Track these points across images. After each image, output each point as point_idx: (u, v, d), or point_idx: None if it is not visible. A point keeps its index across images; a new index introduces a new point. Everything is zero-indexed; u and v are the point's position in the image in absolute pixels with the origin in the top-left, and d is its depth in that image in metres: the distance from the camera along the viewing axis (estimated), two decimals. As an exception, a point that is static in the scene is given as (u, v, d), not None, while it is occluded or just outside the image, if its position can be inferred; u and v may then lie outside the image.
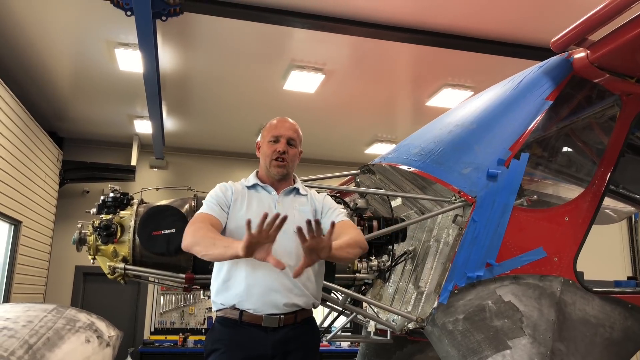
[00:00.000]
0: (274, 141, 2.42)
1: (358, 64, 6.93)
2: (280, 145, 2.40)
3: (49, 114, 8.52)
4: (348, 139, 9.74)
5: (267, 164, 2.43)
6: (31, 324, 3.26)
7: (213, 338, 2.30)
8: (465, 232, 2.67)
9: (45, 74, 7.18)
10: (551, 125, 3.19)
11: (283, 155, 2.40)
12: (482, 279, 2.64)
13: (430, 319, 2.63)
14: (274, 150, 2.40)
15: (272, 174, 2.42)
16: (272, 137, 2.43)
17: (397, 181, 3.20)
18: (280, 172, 2.41)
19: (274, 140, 2.42)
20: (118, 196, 2.93)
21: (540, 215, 2.87)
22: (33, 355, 3.00)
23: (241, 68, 6.98)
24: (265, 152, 2.44)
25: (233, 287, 2.26)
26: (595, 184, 2.90)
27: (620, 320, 2.75)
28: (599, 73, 2.84)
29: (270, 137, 2.43)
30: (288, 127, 2.46)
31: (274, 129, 2.46)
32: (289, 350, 2.24)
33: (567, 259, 2.75)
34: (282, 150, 2.39)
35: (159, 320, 9.79)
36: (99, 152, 9.73)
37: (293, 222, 2.26)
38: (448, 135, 2.95)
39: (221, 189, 2.41)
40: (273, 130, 2.45)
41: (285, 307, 2.24)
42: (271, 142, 2.42)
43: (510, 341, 2.45)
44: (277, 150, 2.39)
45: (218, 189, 2.42)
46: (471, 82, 7.27)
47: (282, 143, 2.41)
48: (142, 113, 8.34)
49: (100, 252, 2.88)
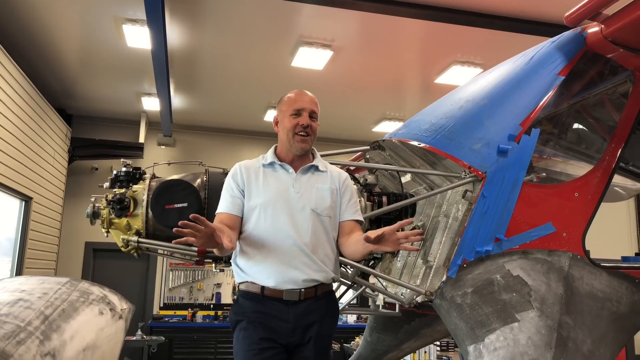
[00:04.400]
0: (296, 114, 2.38)
1: (366, 40, 6.88)
2: (304, 119, 2.37)
3: (57, 91, 8.54)
4: (356, 117, 9.71)
5: (289, 138, 2.39)
6: (46, 296, 3.32)
7: (237, 310, 2.36)
8: (474, 207, 2.68)
9: (53, 51, 7.18)
10: (563, 101, 3.17)
11: (307, 129, 2.38)
12: (491, 253, 2.66)
13: (439, 293, 2.66)
14: (296, 123, 2.37)
15: (294, 148, 2.40)
16: (294, 110, 2.39)
17: (407, 157, 3.20)
18: (303, 148, 2.40)
19: (295, 114, 2.38)
20: (131, 170, 2.97)
21: (549, 191, 2.88)
22: (49, 325, 3.07)
23: (249, 44, 6.95)
24: (286, 126, 2.40)
25: (255, 265, 2.31)
26: (605, 160, 2.89)
27: (628, 295, 2.77)
28: (612, 48, 2.80)
29: (291, 110, 2.39)
30: (309, 100, 2.43)
31: (294, 102, 2.41)
32: (310, 322, 2.31)
33: (576, 235, 2.76)
34: (306, 123, 2.37)
35: (168, 296, 9.94)
36: (108, 130, 9.77)
37: (310, 201, 2.31)
38: (459, 111, 2.95)
39: (232, 176, 2.43)
40: (294, 103, 2.41)
41: (305, 282, 2.29)
42: (293, 116, 2.38)
43: (518, 314, 2.48)
44: (301, 124, 2.36)
45: (230, 177, 2.44)
46: (480, 59, 7.21)
47: (304, 116, 2.38)
48: (150, 90, 8.35)
49: (114, 226, 2.92)
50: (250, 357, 2.21)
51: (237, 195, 2.37)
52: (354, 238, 2.34)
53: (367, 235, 2.08)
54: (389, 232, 2.06)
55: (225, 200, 2.38)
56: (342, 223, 2.44)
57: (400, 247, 2.10)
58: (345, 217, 2.44)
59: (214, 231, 2.02)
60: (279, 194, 2.34)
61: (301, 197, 2.35)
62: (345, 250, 2.40)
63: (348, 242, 2.37)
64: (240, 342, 2.26)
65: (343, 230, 2.43)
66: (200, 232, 1.96)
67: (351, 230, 2.40)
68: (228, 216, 2.31)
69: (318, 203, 2.35)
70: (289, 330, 2.27)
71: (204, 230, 1.97)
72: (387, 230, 2.07)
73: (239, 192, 2.37)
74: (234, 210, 2.34)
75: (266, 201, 2.32)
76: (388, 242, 2.08)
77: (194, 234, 1.95)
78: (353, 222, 2.44)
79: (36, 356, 2.83)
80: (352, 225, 2.42)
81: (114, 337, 3.73)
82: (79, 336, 3.26)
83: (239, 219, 2.35)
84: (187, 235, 1.94)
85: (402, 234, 2.08)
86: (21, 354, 2.72)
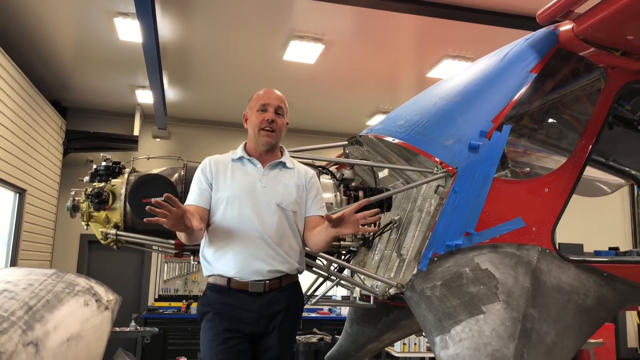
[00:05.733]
0: (262, 110, 2.46)
1: (358, 35, 6.91)
2: (269, 114, 2.44)
3: (51, 84, 8.58)
4: (349, 111, 9.74)
5: (255, 133, 2.47)
6: (31, 287, 3.39)
7: (204, 302, 2.43)
8: (445, 202, 2.74)
9: (47, 43, 7.22)
10: (536, 98, 3.22)
11: (272, 124, 2.44)
12: (461, 247, 2.72)
13: (410, 285, 2.72)
14: (262, 119, 2.44)
15: (260, 144, 2.47)
16: (260, 105, 2.46)
17: (384, 152, 3.26)
18: (268, 142, 2.46)
19: (262, 110, 2.46)
20: (110, 165, 3.02)
21: (520, 186, 2.94)
22: (32, 316, 3.13)
23: (241, 38, 6.98)
24: (253, 121, 2.48)
25: (221, 257, 2.38)
26: (576, 155, 2.94)
27: (595, 288, 2.83)
28: (584, 46, 2.85)
29: (258, 106, 2.47)
30: (275, 97, 2.50)
31: (261, 98, 2.49)
32: (274, 313, 2.37)
33: (546, 229, 2.82)
34: (271, 119, 2.44)
35: (163, 288, 10.02)
36: (102, 122, 9.81)
37: (276, 196, 2.38)
38: (433, 107, 3.00)
39: (202, 169, 2.51)
40: (260, 99, 2.49)
41: (269, 273, 2.36)
42: (259, 112, 2.46)
43: (485, 306, 2.54)
44: (266, 119, 2.43)
45: (199, 170, 2.52)
46: (472, 53, 7.24)
47: (270, 112, 2.45)
48: (144, 83, 8.38)
49: (93, 219, 2.99)
50: (215, 347, 2.28)
51: (205, 188, 2.43)
52: (317, 229, 2.41)
53: (328, 215, 2.15)
54: (348, 213, 2.14)
55: (193, 193, 2.44)
56: (307, 218, 2.51)
57: (359, 229, 2.16)
58: (311, 213, 2.52)
59: (184, 213, 2.09)
60: (245, 187, 2.40)
61: (267, 191, 2.42)
62: (309, 241, 2.47)
63: (312, 234, 2.44)
64: (206, 332, 2.34)
65: (308, 225, 2.50)
66: (172, 212, 2.03)
67: (316, 225, 2.46)
68: (196, 208, 2.37)
69: (284, 198, 2.42)
70: (253, 320, 2.34)
71: (175, 211, 2.05)
72: (346, 211, 2.14)
73: (207, 185, 2.43)
74: (202, 203, 2.40)
75: (233, 194, 2.39)
76: (348, 223, 2.14)
77: (165, 214, 2.01)
78: (318, 217, 2.50)
79: (18, 345, 2.90)
80: (318, 220, 2.49)
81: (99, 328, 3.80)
82: (63, 326, 3.33)
83: (207, 212, 2.41)
84: (159, 215, 2.00)
85: (360, 215, 2.14)
86: (3, 343, 2.79)
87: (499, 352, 2.41)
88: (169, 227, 2.11)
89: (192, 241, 2.33)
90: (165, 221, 2.04)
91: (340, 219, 2.13)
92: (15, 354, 2.86)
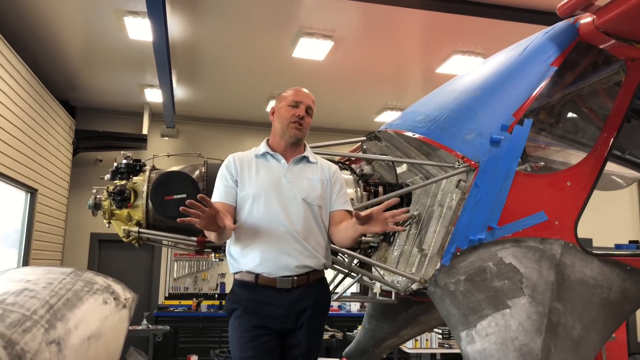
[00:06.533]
0: (294, 106, 2.50)
1: (367, 31, 6.89)
2: (300, 110, 2.49)
3: (60, 84, 8.60)
4: (358, 107, 9.73)
5: (284, 126, 2.50)
6: (51, 286, 3.40)
7: (232, 299, 2.44)
8: (467, 197, 2.73)
9: (56, 43, 7.23)
10: (556, 91, 3.20)
11: (301, 120, 2.48)
12: (484, 241, 2.71)
13: (433, 280, 2.72)
14: (293, 114, 2.48)
15: (288, 135, 2.50)
16: (293, 101, 2.51)
17: (403, 148, 3.25)
18: (296, 135, 2.49)
19: (294, 105, 2.50)
20: (131, 162, 3.03)
21: (542, 180, 2.92)
22: (54, 314, 3.15)
23: (250, 35, 6.97)
24: (283, 115, 2.51)
25: (249, 253, 2.38)
26: (597, 149, 2.93)
27: (618, 282, 2.81)
28: (604, 38, 2.83)
29: (291, 101, 2.51)
30: (307, 96, 2.56)
31: (294, 95, 2.54)
32: (302, 309, 2.38)
33: (568, 223, 2.80)
34: (302, 115, 2.49)
35: (173, 286, 10.05)
36: (111, 121, 9.84)
37: (301, 190, 2.39)
38: (452, 102, 2.99)
39: (226, 166, 2.52)
40: (293, 96, 2.53)
41: (298, 269, 2.36)
42: (291, 107, 2.50)
43: (510, 301, 2.54)
44: (297, 115, 2.48)
45: (224, 167, 2.52)
46: (482, 48, 7.21)
47: (302, 109, 2.50)
48: (153, 82, 8.40)
49: (115, 217, 2.99)
50: (244, 344, 2.28)
51: (230, 185, 2.44)
52: (344, 225, 2.42)
53: (357, 213, 2.17)
54: (376, 212, 2.15)
55: (219, 190, 2.45)
56: (333, 213, 2.52)
57: (388, 228, 2.17)
58: (336, 207, 2.53)
59: (217, 213, 2.10)
60: (271, 183, 2.41)
61: (292, 186, 2.43)
62: (336, 237, 2.47)
63: (338, 230, 2.45)
64: (235, 329, 2.34)
65: (334, 220, 2.50)
66: (205, 212, 2.04)
67: (341, 220, 2.48)
68: (222, 205, 2.37)
69: (309, 193, 2.43)
70: (282, 316, 2.34)
71: (208, 212, 2.06)
72: (374, 210, 2.16)
73: (232, 182, 2.44)
74: (228, 200, 2.41)
75: (258, 190, 2.39)
76: (376, 221, 2.16)
77: (199, 214, 2.03)
78: (343, 211, 2.52)
79: (42, 344, 2.91)
80: (343, 214, 2.50)
81: (117, 326, 3.81)
82: (84, 325, 3.34)
83: (233, 208, 2.42)
84: (192, 215, 2.00)
85: (389, 213, 2.16)
86: (27, 342, 2.80)
87: (527, 346, 2.41)
88: (202, 227, 2.11)
89: (222, 239, 2.34)
90: (198, 221, 2.05)
91: (368, 216, 2.14)
92: (39, 353, 2.88)
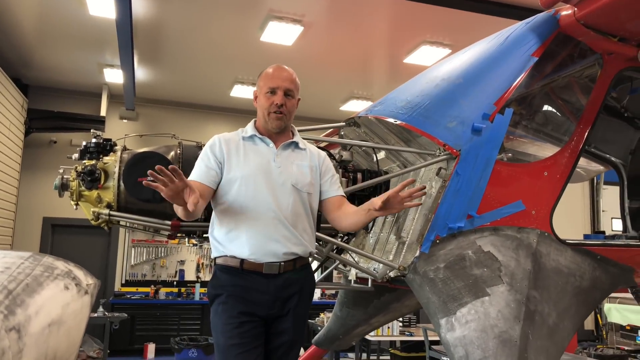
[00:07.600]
0: (271, 92, 2.37)
1: (337, 17, 6.82)
2: (278, 98, 2.36)
3: (13, 60, 8.15)
4: (324, 95, 9.65)
5: (264, 116, 2.39)
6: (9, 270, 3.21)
7: (215, 284, 2.34)
8: (448, 185, 2.73)
9: (9, 17, 6.82)
10: (535, 82, 3.24)
11: (281, 108, 2.37)
12: (463, 229, 2.72)
13: (412, 268, 2.71)
14: (271, 102, 2.36)
15: (270, 127, 2.40)
16: (269, 88, 2.37)
17: (382, 134, 3.22)
18: (278, 125, 2.40)
19: (270, 92, 2.37)
20: (101, 142, 2.87)
21: (520, 169, 2.96)
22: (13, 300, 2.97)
23: (217, 17, 6.78)
24: (262, 104, 2.40)
25: (236, 238, 2.29)
26: (573, 141, 2.98)
27: (590, 271, 2.89)
28: (584, 31, 2.88)
29: (266, 88, 2.38)
30: (285, 77, 2.41)
31: (270, 79, 2.40)
32: (289, 295, 2.32)
33: (544, 212, 2.85)
34: (280, 102, 2.36)
35: (130, 273, 9.78)
36: (67, 101, 9.41)
37: (291, 176, 2.32)
38: (435, 89, 2.97)
39: (211, 146, 2.40)
40: (269, 81, 2.39)
41: (285, 255, 2.30)
42: (268, 94, 2.37)
43: (489, 288, 2.56)
44: (275, 104, 2.36)
45: (207, 147, 2.41)
46: (450, 40, 7.27)
47: (279, 95, 2.36)
48: (113, 61, 8.07)
49: (84, 198, 2.84)
50: (230, 331, 2.21)
51: (212, 167, 2.33)
52: (350, 209, 2.40)
53: (373, 202, 2.17)
54: (392, 195, 2.15)
55: (199, 169, 2.34)
56: (330, 199, 2.48)
57: (405, 206, 2.20)
58: (332, 194, 2.49)
59: (185, 188, 2.00)
60: (260, 167, 2.33)
61: (282, 172, 2.35)
62: (343, 222, 2.43)
63: (344, 215, 2.41)
64: (219, 315, 2.26)
65: (333, 206, 2.46)
66: (173, 183, 1.94)
67: (340, 204, 2.45)
68: (199, 185, 2.25)
69: (299, 179, 2.36)
70: (268, 302, 2.28)
71: (177, 183, 1.96)
72: (390, 194, 2.15)
73: (215, 164, 2.33)
74: (207, 181, 2.30)
75: (247, 174, 2.31)
76: (393, 204, 2.17)
77: (166, 182, 1.92)
78: (340, 196, 2.48)
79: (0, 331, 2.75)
80: (340, 199, 2.47)
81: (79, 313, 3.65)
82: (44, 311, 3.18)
83: (210, 190, 2.31)
84: (159, 182, 1.92)
85: (405, 193, 2.16)
86: (-15, 329, 2.64)
87: (506, 333, 2.43)
88: (167, 198, 2.01)
89: (190, 217, 2.20)
90: (163, 189, 1.94)
91: (385, 202, 2.14)
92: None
